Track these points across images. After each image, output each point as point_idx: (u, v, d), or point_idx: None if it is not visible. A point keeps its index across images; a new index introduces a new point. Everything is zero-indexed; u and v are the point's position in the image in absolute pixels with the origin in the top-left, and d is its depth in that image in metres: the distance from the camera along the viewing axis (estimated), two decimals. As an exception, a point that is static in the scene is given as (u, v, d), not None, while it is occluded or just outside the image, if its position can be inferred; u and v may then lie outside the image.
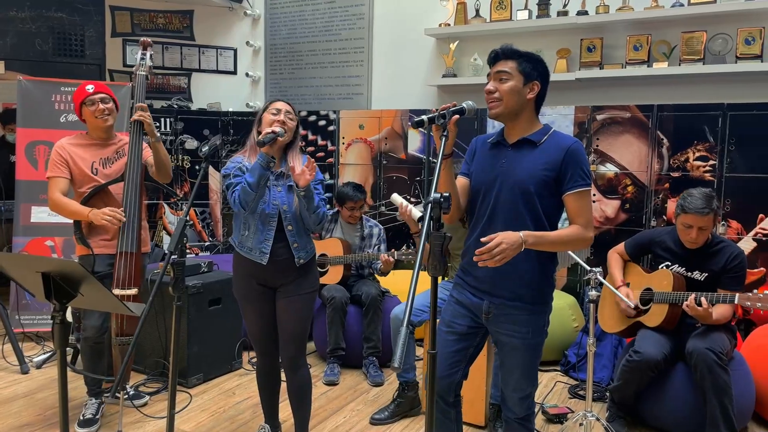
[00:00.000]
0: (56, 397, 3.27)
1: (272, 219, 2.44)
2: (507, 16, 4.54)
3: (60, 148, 2.91)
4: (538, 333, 2.01)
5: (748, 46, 3.83)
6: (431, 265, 1.58)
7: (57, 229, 4.12)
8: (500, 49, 2.02)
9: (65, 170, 2.88)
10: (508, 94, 1.97)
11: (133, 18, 5.50)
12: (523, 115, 2.01)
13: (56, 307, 2.08)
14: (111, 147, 2.98)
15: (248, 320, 2.55)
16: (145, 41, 3.12)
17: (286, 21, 5.56)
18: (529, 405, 2.09)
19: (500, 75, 1.99)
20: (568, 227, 1.95)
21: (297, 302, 2.47)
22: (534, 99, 2.01)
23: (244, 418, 3.06)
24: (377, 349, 3.62)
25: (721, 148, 3.76)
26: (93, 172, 2.90)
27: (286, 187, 2.47)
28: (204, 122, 5.29)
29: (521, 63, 1.98)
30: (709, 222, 2.75)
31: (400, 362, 1.27)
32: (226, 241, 5.41)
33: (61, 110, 4.15)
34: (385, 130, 4.82)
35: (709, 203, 2.74)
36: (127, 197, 2.83)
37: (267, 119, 2.44)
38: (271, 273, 2.46)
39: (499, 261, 1.78)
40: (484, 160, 2.09)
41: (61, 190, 2.85)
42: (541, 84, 2.00)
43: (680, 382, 2.86)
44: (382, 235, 3.84)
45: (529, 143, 2.00)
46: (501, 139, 2.07)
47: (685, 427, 2.87)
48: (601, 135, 4.09)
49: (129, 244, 2.78)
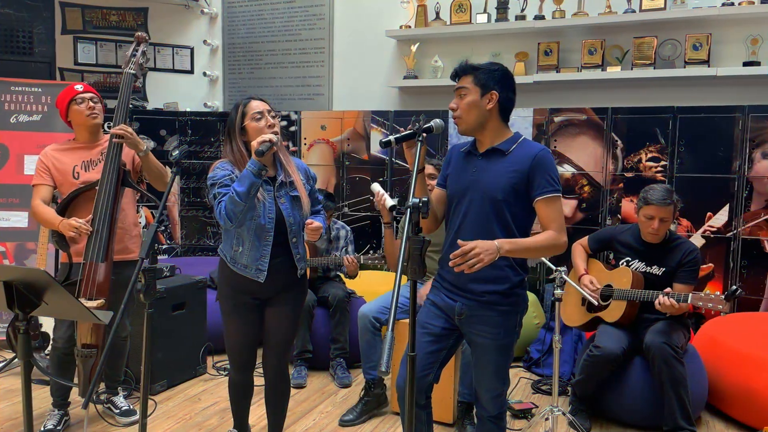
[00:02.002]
0: (12, 409, 3.15)
1: (268, 233, 2.26)
2: (467, 19, 4.61)
3: (43, 155, 2.84)
4: (509, 333, 2.07)
5: (696, 51, 4.01)
6: (410, 269, 1.61)
7: (8, 234, 3.97)
8: (458, 66, 2.08)
9: (47, 177, 2.81)
10: (466, 109, 2.04)
11: (85, 15, 5.33)
12: (488, 125, 2.06)
13: (19, 316, 2.02)
14: (96, 149, 2.88)
15: (230, 332, 2.41)
16: (140, 35, 2.92)
17: (245, 20, 5.49)
18: (502, 403, 2.14)
19: (459, 91, 2.06)
20: (542, 233, 2.00)
21: (288, 310, 2.40)
22: (496, 108, 2.04)
23: (211, 424, 3.03)
24: (345, 351, 3.62)
25: (672, 150, 3.93)
26: (74, 176, 2.81)
27: (290, 198, 2.32)
28: (161, 122, 5.18)
29: (477, 76, 2.04)
30: (670, 213, 2.89)
31: (387, 365, 1.29)
32: (185, 243, 5.32)
33: (11, 110, 4.00)
34: (347, 131, 4.83)
35: (669, 195, 2.89)
36: (97, 206, 2.69)
37: (253, 127, 2.27)
38: (267, 288, 2.32)
39: (474, 267, 1.81)
40: (457, 169, 2.14)
41: (43, 197, 2.78)
42: (499, 92, 2.03)
43: (638, 375, 2.98)
44: (349, 236, 3.85)
45: (498, 152, 2.05)
46: (472, 149, 2.12)
47: (643, 418, 2.99)
48: (559, 137, 4.21)
49: (94, 254, 2.65)
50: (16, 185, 3.95)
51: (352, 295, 3.79)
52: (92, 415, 3.05)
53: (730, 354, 3.14)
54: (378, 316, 3.09)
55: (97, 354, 2.60)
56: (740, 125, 3.75)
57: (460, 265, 1.81)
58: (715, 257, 3.83)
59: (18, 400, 3.25)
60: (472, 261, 1.80)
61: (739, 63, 3.94)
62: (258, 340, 2.45)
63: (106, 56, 5.38)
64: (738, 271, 3.78)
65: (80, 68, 5.29)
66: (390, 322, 1.36)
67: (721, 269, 3.83)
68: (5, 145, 3.96)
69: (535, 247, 1.98)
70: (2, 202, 3.91)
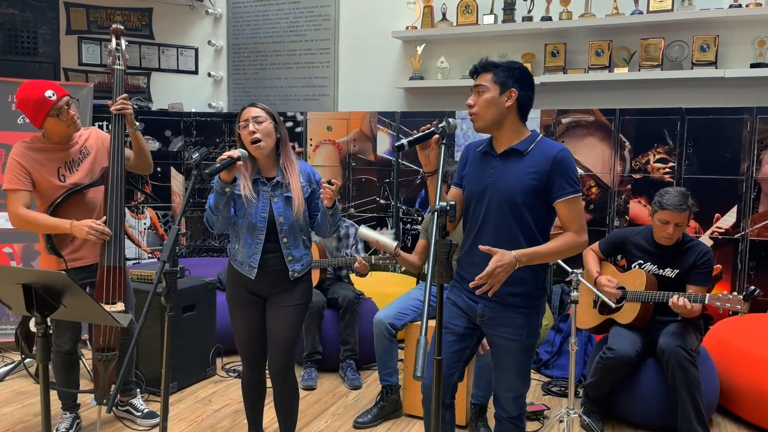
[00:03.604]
0: (23, 412, 3.13)
1: (260, 232, 2.35)
2: (473, 20, 4.61)
3: (19, 156, 2.59)
4: (531, 335, 2.07)
5: (703, 53, 4.02)
6: (437, 272, 1.61)
7: (15, 236, 3.95)
8: (478, 63, 2.07)
9: (27, 182, 2.58)
10: (484, 106, 2.02)
11: (89, 15, 5.32)
12: (506, 124, 2.05)
13: (38, 319, 2.01)
14: (74, 147, 2.70)
15: (236, 328, 2.49)
16: (117, 29, 2.79)
17: (250, 21, 5.48)
18: (522, 404, 2.14)
19: (478, 88, 2.04)
20: (560, 236, 2.00)
21: (286, 313, 2.41)
22: (515, 106, 2.04)
23: (224, 426, 3.02)
24: (354, 352, 3.62)
25: (680, 151, 3.93)
26: (60, 179, 2.64)
27: (284, 198, 2.37)
28: (165, 123, 5.16)
29: (497, 73, 2.02)
30: (685, 218, 2.88)
31: (422, 371, 1.29)
32: (190, 244, 5.30)
33: (18, 111, 3.97)
34: (353, 131, 4.82)
35: (685, 200, 2.87)
36: (110, 205, 2.61)
37: (241, 134, 2.34)
38: (261, 285, 2.40)
39: (497, 285, 1.88)
40: (474, 169, 2.13)
41: (25, 204, 2.57)
42: (519, 90, 2.03)
43: (650, 377, 2.98)
44: (357, 235, 3.85)
45: (516, 153, 2.04)
46: (489, 149, 2.11)
47: (655, 420, 2.99)
48: (566, 138, 4.21)
49: (115, 257, 2.60)
50: (22, 186, 3.92)
51: (361, 296, 3.79)
52: (107, 418, 3.03)
53: (740, 355, 3.14)
54: (394, 322, 3.08)
55: (117, 357, 2.59)
56: (748, 127, 3.76)
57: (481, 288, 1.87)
58: (723, 259, 3.84)
59: (28, 403, 3.23)
60: (495, 281, 1.87)
61: (746, 65, 3.94)
62: (263, 336, 2.48)
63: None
64: (746, 273, 3.79)
65: (84, 69, 5.27)
66: (423, 326, 1.35)
67: (729, 271, 3.84)
68: (11, 146, 3.92)
69: (553, 252, 1.98)
70: (9, 203, 3.89)
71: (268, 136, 2.33)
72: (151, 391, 3.31)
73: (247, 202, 2.34)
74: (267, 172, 2.40)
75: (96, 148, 2.78)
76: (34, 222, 2.60)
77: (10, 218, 2.62)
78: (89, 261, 2.70)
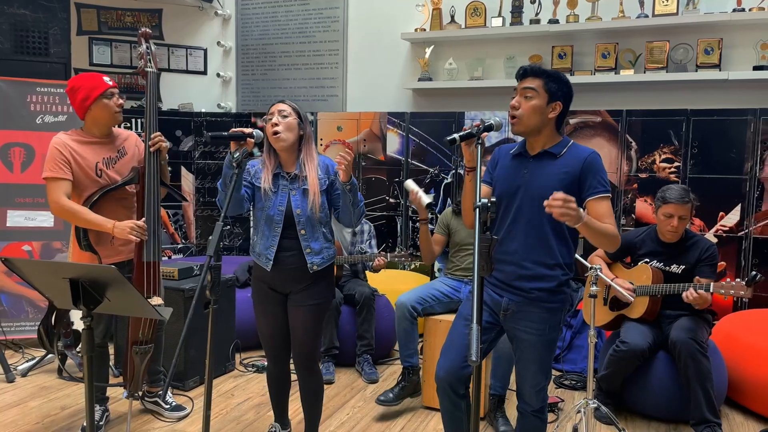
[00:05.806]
0: (50, 405, 3.19)
1: (277, 224, 2.40)
2: (481, 22, 4.70)
3: (61, 145, 2.62)
4: (554, 329, 2.15)
5: (708, 55, 4.13)
6: (479, 265, 1.69)
7: (34, 234, 4.00)
8: (528, 66, 2.13)
9: (68, 171, 2.61)
10: (530, 112, 2.08)
11: (100, 16, 5.37)
12: (544, 131, 2.12)
13: (85, 312, 2.08)
14: (113, 144, 2.76)
15: (260, 323, 2.55)
16: (146, 32, 2.82)
17: (258, 22, 5.55)
18: (544, 397, 2.22)
19: (526, 92, 2.09)
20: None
21: (305, 313, 2.45)
22: (555, 117, 2.12)
23: (248, 419, 3.09)
24: (371, 347, 3.70)
25: (685, 151, 4.05)
26: (97, 174, 2.69)
27: (301, 191, 2.42)
28: (176, 123, 5.23)
29: (548, 82, 2.08)
30: (688, 211, 3.00)
31: (477, 355, 1.37)
32: (200, 243, 5.36)
33: (37, 111, 4.02)
34: (363, 132, 4.90)
35: (687, 194, 3.01)
36: (148, 204, 2.67)
37: (266, 128, 2.41)
38: (279, 279, 2.45)
39: (561, 215, 1.85)
40: (506, 170, 2.21)
41: (66, 193, 2.60)
42: (564, 104, 2.11)
43: (661, 369, 3.08)
44: (372, 231, 3.97)
45: (550, 155, 2.12)
46: (523, 151, 2.19)
47: (666, 411, 3.10)
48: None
49: (153, 253, 2.67)
50: (41, 185, 3.95)
51: (375, 293, 3.87)
52: (135, 411, 3.09)
53: (747, 348, 3.26)
54: (415, 305, 3.18)
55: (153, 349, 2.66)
56: (752, 128, 3.88)
57: (553, 206, 1.84)
58: (727, 256, 3.95)
59: (54, 397, 3.29)
60: (563, 210, 1.84)
61: (749, 67, 4.06)
62: (286, 332, 2.53)
63: (121, 57, 5.42)
64: (749, 269, 3.90)
65: (95, 69, 5.32)
66: (474, 315, 1.44)
67: (733, 267, 3.95)
68: (31, 145, 3.99)
69: (603, 231, 2.00)
70: (29, 201, 3.94)
71: (289, 130, 2.39)
72: (174, 386, 3.37)
73: (265, 195, 2.42)
74: (288, 168, 2.46)
75: (132, 151, 2.84)
76: (76, 215, 2.61)
77: (51, 206, 2.65)
78: (122, 258, 2.77)
